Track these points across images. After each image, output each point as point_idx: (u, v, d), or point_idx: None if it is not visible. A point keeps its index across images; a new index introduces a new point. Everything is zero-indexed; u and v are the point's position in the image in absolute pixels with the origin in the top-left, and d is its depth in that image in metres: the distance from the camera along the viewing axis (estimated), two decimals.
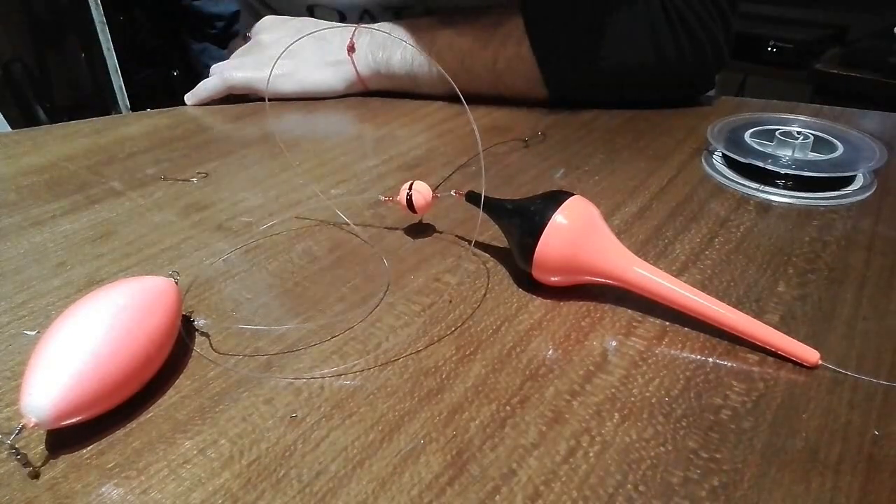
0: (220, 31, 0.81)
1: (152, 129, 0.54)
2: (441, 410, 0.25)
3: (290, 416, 0.25)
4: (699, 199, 0.40)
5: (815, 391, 0.25)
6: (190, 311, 0.31)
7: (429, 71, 0.57)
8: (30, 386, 0.22)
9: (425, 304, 0.31)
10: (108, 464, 0.23)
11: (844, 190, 0.41)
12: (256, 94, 0.60)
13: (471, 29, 0.56)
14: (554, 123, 0.54)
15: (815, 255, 0.34)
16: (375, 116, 0.57)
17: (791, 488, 0.21)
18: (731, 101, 0.59)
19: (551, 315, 0.30)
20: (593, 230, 0.30)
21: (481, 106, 0.57)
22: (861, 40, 1.62)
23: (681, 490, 0.21)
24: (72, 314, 0.24)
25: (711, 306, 0.28)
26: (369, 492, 0.22)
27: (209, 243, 0.37)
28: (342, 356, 0.28)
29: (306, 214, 0.40)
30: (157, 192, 0.43)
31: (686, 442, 0.23)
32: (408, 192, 0.35)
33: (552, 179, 0.44)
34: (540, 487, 0.22)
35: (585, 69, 0.54)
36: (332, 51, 0.59)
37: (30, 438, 0.24)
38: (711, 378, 0.26)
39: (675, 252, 0.35)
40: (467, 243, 0.36)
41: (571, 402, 0.25)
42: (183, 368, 0.27)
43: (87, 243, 0.37)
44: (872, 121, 0.55)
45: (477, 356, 0.27)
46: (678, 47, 0.53)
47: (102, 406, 0.24)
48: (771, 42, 1.70)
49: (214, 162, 0.48)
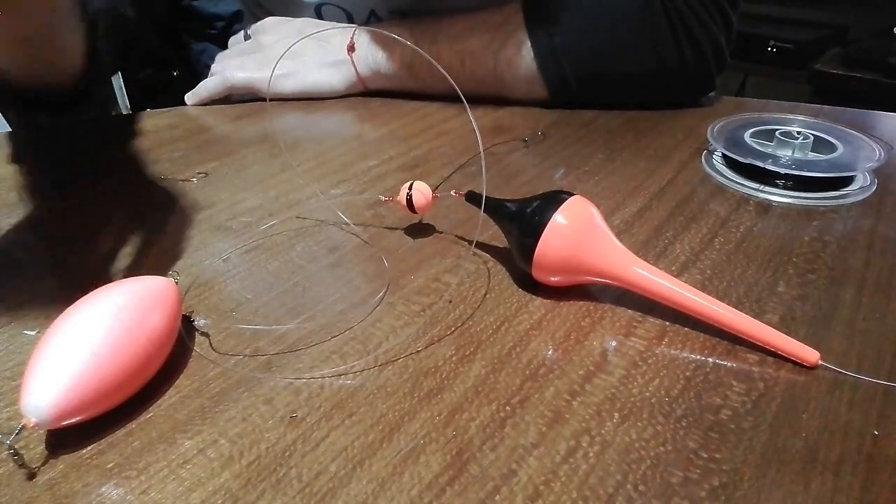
0: (220, 31, 0.81)
1: (152, 129, 0.54)
2: (441, 410, 0.25)
3: (290, 416, 0.25)
4: (699, 199, 0.40)
5: (815, 391, 0.25)
6: (190, 311, 0.31)
7: (429, 71, 0.57)
8: (30, 386, 0.22)
9: (425, 304, 0.31)
10: (108, 464, 0.23)
11: (844, 190, 0.41)
12: (257, 94, 0.60)
13: (472, 30, 0.56)
14: (554, 123, 0.54)
15: (815, 255, 0.34)
16: (375, 116, 0.57)
17: (791, 488, 0.21)
18: (731, 101, 0.59)
19: (551, 315, 0.30)
20: (593, 230, 0.30)
21: (481, 106, 0.57)
22: (861, 40, 1.63)
23: (681, 490, 0.21)
24: (72, 314, 0.24)
25: (711, 306, 0.28)
26: (369, 492, 0.22)
27: (209, 243, 0.37)
28: (342, 356, 0.28)
29: (306, 214, 0.40)
30: (157, 192, 0.43)
31: (686, 442, 0.23)
32: (408, 192, 0.35)
33: (552, 179, 0.44)
34: (540, 487, 0.22)
35: (587, 72, 0.54)
36: (333, 51, 0.59)
37: (30, 438, 0.24)
38: (711, 378, 0.26)
39: (675, 252, 0.35)
40: (467, 243, 0.36)
41: (571, 402, 0.25)
42: (183, 368, 0.27)
43: (87, 243, 0.37)
44: (872, 121, 0.55)
45: (477, 356, 0.27)
46: (679, 50, 0.53)
47: (102, 406, 0.24)
48: (771, 42, 1.70)
49: (214, 162, 0.48)
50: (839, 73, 1.53)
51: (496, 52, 0.55)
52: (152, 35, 0.69)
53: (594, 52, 0.53)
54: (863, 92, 1.50)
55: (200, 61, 0.76)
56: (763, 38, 1.71)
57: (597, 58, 0.53)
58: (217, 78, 0.59)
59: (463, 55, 0.56)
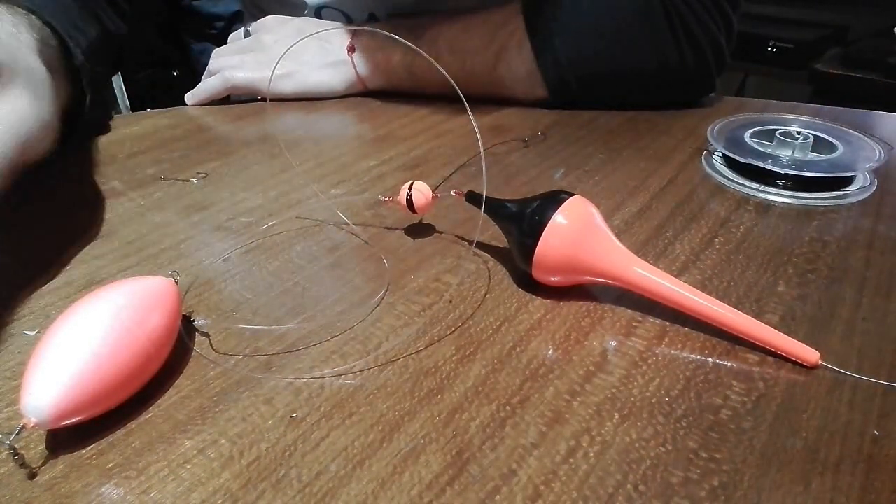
0: (220, 31, 0.82)
1: (152, 129, 0.54)
2: (441, 410, 0.25)
3: (290, 416, 0.25)
4: (699, 199, 0.40)
5: (815, 391, 0.25)
6: (190, 311, 0.31)
7: (429, 72, 0.57)
8: (30, 386, 0.22)
9: (425, 304, 0.31)
10: (108, 464, 0.23)
11: (844, 190, 0.41)
12: (257, 94, 0.60)
13: (472, 30, 0.56)
14: (554, 123, 0.54)
15: (815, 255, 0.34)
16: (375, 116, 0.57)
17: (791, 488, 0.21)
18: (731, 101, 0.59)
19: (551, 315, 0.30)
20: (593, 230, 0.30)
21: (481, 106, 0.56)
22: (861, 40, 1.63)
23: (681, 490, 0.21)
24: (72, 314, 0.24)
25: (711, 306, 0.28)
26: (369, 492, 0.22)
27: (209, 243, 0.37)
28: (342, 356, 0.28)
29: (306, 214, 0.40)
30: (157, 192, 0.43)
31: (686, 442, 0.23)
32: (408, 192, 0.35)
33: (552, 179, 0.44)
34: (540, 487, 0.22)
35: (586, 73, 0.54)
36: (333, 51, 0.59)
37: (30, 438, 0.24)
38: (711, 378, 0.26)
39: (675, 252, 0.35)
40: (467, 243, 0.36)
41: (571, 402, 0.25)
42: (183, 368, 0.27)
43: (87, 243, 0.37)
44: (872, 121, 0.55)
45: (477, 356, 0.27)
46: (679, 51, 0.52)
47: (102, 406, 0.24)
48: (771, 42, 1.70)
49: (214, 162, 0.48)
50: (839, 73, 1.53)
51: (496, 52, 0.55)
52: (152, 35, 0.69)
53: (594, 53, 0.53)
54: (863, 92, 1.50)
55: (200, 61, 0.76)
56: (763, 38, 1.71)
57: (597, 58, 0.53)
58: (217, 78, 0.59)
59: (463, 55, 0.56)
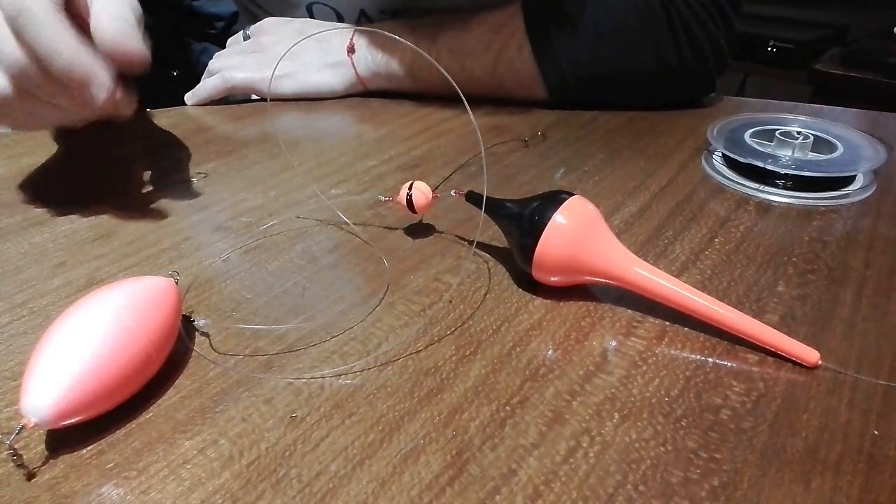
0: (219, 31, 0.82)
1: (152, 129, 0.54)
2: (441, 410, 0.25)
3: (289, 416, 0.25)
4: (699, 199, 0.40)
5: (815, 391, 0.25)
6: (190, 311, 0.31)
7: (429, 72, 0.57)
8: (30, 386, 0.22)
9: (425, 304, 0.31)
10: (107, 464, 0.23)
11: (844, 190, 0.41)
12: (257, 94, 0.60)
13: (471, 31, 0.56)
14: (554, 123, 0.54)
15: (815, 255, 0.34)
16: (375, 116, 0.57)
17: (791, 488, 0.21)
18: (731, 101, 0.59)
19: (551, 315, 0.30)
20: (593, 230, 0.30)
21: (481, 106, 0.57)
22: (861, 40, 1.62)
23: (681, 490, 0.21)
24: (72, 314, 0.24)
25: (711, 306, 0.28)
26: (369, 492, 0.22)
27: (209, 243, 0.37)
28: (342, 356, 0.28)
29: (306, 214, 0.40)
30: (157, 192, 0.43)
31: (686, 442, 0.23)
32: (408, 192, 0.35)
33: (552, 179, 0.44)
34: (540, 487, 0.22)
35: (586, 73, 0.54)
36: (332, 52, 0.59)
37: (30, 438, 0.24)
38: (711, 378, 0.26)
39: (675, 252, 0.35)
40: (467, 243, 0.36)
41: (571, 402, 0.25)
42: (183, 368, 0.27)
43: (87, 243, 0.37)
44: (872, 121, 0.55)
45: (477, 356, 0.27)
46: (680, 52, 0.52)
47: (102, 406, 0.24)
48: (771, 42, 1.70)
49: (214, 162, 0.48)
50: (839, 73, 1.53)
51: (496, 52, 0.55)
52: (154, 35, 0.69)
53: (594, 53, 0.53)
54: (863, 92, 1.50)
55: (200, 61, 0.76)
56: (763, 38, 1.71)
57: (597, 58, 0.53)
58: (217, 78, 0.59)
59: (463, 56, 0.56)
